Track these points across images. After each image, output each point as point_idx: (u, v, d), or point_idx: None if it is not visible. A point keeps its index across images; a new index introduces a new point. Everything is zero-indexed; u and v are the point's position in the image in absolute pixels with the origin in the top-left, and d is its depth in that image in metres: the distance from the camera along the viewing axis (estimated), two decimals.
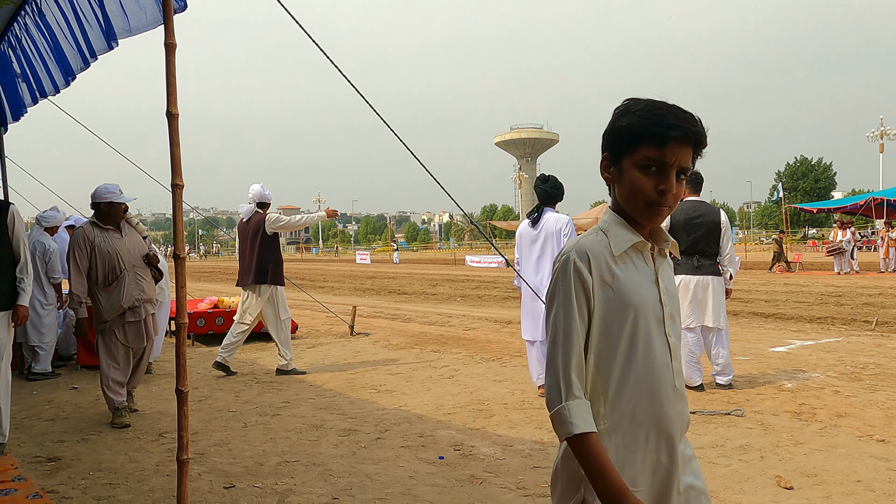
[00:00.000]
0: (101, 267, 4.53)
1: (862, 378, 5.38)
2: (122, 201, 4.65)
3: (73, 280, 4.52)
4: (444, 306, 12.77)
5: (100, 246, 4.54)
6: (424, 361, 6.73)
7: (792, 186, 62.41)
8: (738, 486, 3.18)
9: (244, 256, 6.24)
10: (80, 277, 4.51)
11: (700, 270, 5.10)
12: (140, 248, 4.76)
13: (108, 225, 4.64)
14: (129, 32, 3.56)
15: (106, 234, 4.61)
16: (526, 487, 3.23)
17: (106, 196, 4.60)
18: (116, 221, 4.68)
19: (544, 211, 5.09)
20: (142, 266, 4.70)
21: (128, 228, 4.77)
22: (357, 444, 3.99)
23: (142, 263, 4.71)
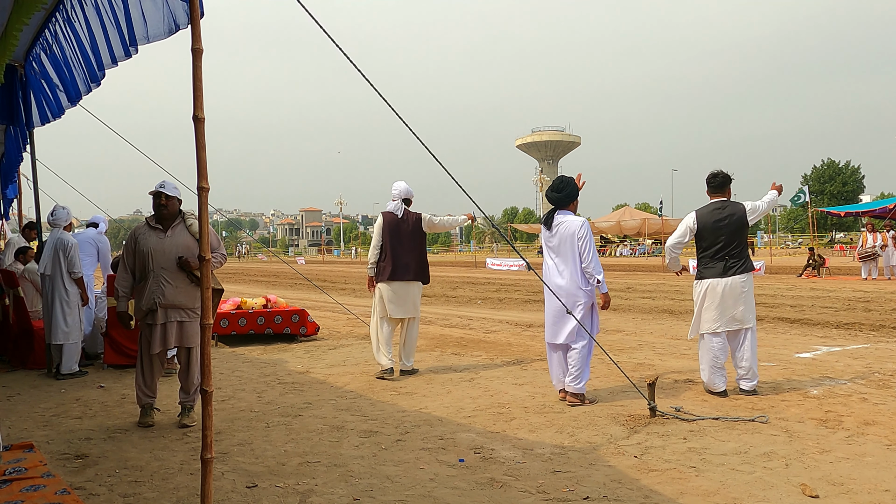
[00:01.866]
0: (138, 265, 4.58)
1: (891, 385, 5.28)
2: (161, 191, 4.54)
3: (118, 273, 4.71)
4: (465, 309, 12.77)
5: (139, 243, 4.57)
6: (445, 364, 6.74)
7: (819, 190, 61.48)
8: (762, 494, 3.14)
9: (399, 252, 6.08)
10: (123, 272, 4.63)
11: (728, 272, 5.03)
12: (184, 250, 4.55)
13: (157, 223, 4.62)
14: (146, 40, 3.64)
15: (151, 232, 4.59)
16: (546, 492, 3.22)
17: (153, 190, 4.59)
18: (162, 218, 4.62)
19: (556, 213, 5.07)
20: (172, 269, 4.53)
21: (179, 229, 4.63)
22: (378, 446, 4.00)
23: (173, 266, 4.53)
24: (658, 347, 7.47)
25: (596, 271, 4.85)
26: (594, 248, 4.95)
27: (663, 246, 25.17)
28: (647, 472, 3.48)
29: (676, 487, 3.25)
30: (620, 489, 3.24)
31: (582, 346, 4.87)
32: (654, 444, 3.93)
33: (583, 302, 4.88)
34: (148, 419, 4.60)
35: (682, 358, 6.73)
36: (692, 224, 5.20)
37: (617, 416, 4.54)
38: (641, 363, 6.50)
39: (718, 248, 5.05)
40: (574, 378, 4.86)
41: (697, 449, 3.83)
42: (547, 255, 5.13)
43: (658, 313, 11.13)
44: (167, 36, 3.47)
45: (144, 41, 3.66)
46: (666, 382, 5.56)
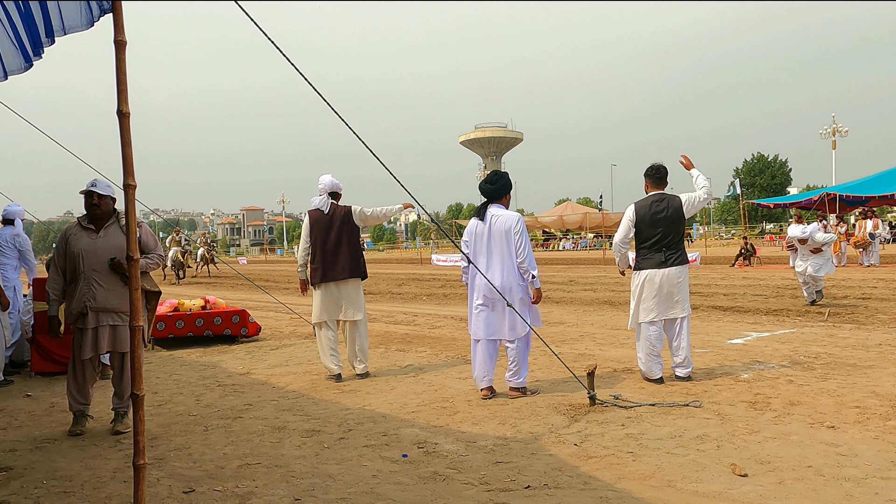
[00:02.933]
0: (69, 267, 4.36)
1: (814, 367, 5.55)
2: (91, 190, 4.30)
3: (49, 276, 4.47)
4: (410, 305, 12.76)
5: (70, 244, 4.34)
6: (389, 361, 6.72)
7: (749, 182, 63.99)
8: (695, 475, 3.25)
9: (328, 251, 5.74)
10: (54, 274, 4.40)
11: (665, 264, 5.16)
12: (117, 251, 4.31)
13: (89, 223, 4.40)
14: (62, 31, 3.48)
15: (83, 232, 4.37)
16: (489, 483, 3.25)
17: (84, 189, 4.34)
18: (94, 218, 4.38)
19: (489, 207, 4.98)
20: (104, 271, 4.29)
21: (112, 229, 4.39)
22: (320, 445, 3.96)
23: (105, 269, 4.30)
24: (598, 338, 7.64)
25: (531, 266, 4.83)
26: (529, 243, 4.91)
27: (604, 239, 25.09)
28: (587, 459, 3.56)
29: (614, 473, 3.34)
30: (560, 477, 3.30)
31: (519, 341, 4.89)
32: (593, 432, 4.02)
33: (519, 297, 4.85)
34: (79, 427, 4.41)
35: (621, 347, 6.91)
36: (632, 216, 5.32)
37: (558, 406, 4.62)
38: (582, 353, 6.63)
39: (656, 239, 5.19)
40: (514, 373, 4.89)
41: (635, 434, 3.93)
42: (475, 249, 4.98)
43: (599, 305, 11.38)
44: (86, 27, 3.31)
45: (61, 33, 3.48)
46: (606, 371, 5.70)
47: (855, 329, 7.60)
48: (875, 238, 18.56)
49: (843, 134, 44.39)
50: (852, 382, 4.96)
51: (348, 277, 5.76)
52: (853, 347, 6.41)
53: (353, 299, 5.82)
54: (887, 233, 30.44)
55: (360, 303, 5.87)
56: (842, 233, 19.36)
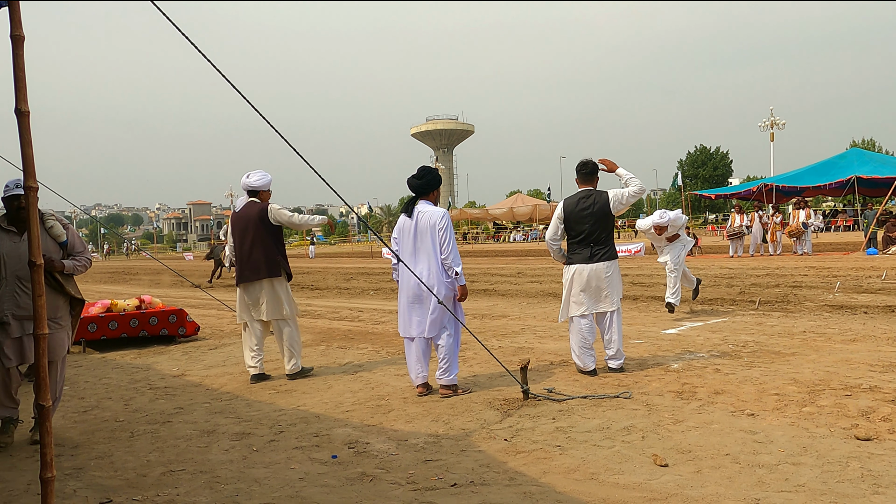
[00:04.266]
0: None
1: (741, 356, 5.74)
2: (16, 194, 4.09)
3: None
4: (357, 300, 12.67)
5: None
6: (329, 358, 6.66)
7: (693, 174, 65.80)
8: (618, 467, 3.32)
9: (244, 251, 5.62)
10: None
11: (593, 259, 5.25)
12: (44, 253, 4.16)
13: (10, 224, 4.17)
14: None
15: (3, 235, 4.13)
16: (416, 482, 3.25)
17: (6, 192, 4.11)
18: (17, 220, 4.17)
19: (417, 203, 4.95)
20: (29, 276, 3.98)
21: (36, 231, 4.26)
22: (249, 448, 3.89)
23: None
24: (539, 331, 7.73)
25: (455, 263, 4.78)
26: (454, 239, 4.86)
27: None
28: (515, 454, 3.60)
29: (540, 467, 3.38)
30: (488, 473, 3.33)
31: (448, 338, 4.90)
32: (524, 427, 4.06)
33: (444, 294, 4.81)
34: (6, 437, 4.16)
35: (559, 340, 7.01)
36: (560, 213, 5.39)
37: (492, 401, 4.66)
38: (521, 347, 6.70)
39: (584, 235, 5.26)
40: (444, 371, 4.88)
41: (564, 428, 3.99)
42: (403, 245, 4.94)
43: (543, 297, 11.52)
44: None
45: None
46: (542, 364, 5.77)
47: (783, 317, 7.90)
48: (808, 227, 19.32)
49: (781, 126, 46.01)
50: (775, 370, 5.14)
51: (264, 277, 5.61)
52: (779, 335, 6.66)
53: (274, 298, 5.65)
54: (820, 222, 31.73)
55: (283, 301, 5.67)
56: (777, 223, 20.07)
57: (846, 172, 28.40)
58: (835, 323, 7.25)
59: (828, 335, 6.54)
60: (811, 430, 3.72)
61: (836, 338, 6.38)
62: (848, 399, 4.26)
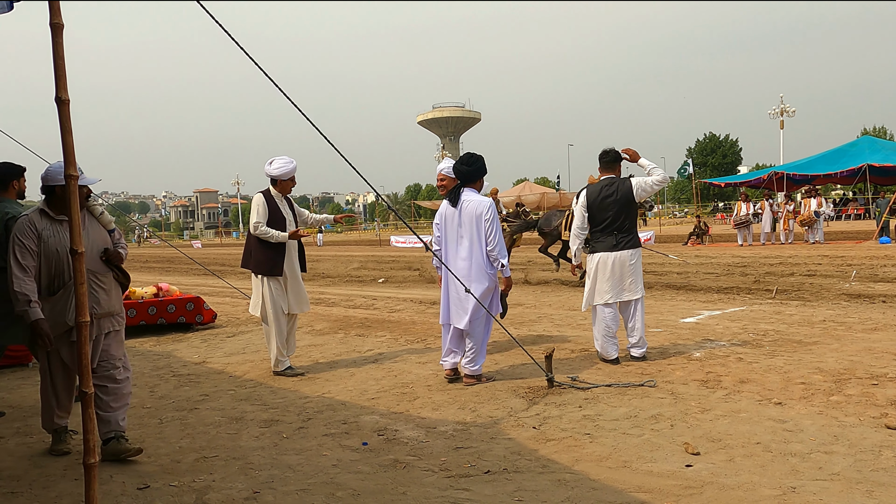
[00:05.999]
0: (46, 270, 3.54)
1: (763, 345, 5.73)
2: (82, 183, 3.50)
3: (17, 279, 3.44)
4: (369, 289, 12.70)
5: (47, 242, 3.53)
6: (348, 346, 6.68)
7: (702, 162, 65.40)
8: (650, 455, 3.34)
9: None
10: (25, 275, 3.47)
11: (617, 247, 5.23)
12: (101, 245, 3.70)
13: (61, 215, 3.58)
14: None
15: (58, 226, 3.57)
16: (449, 469, 3.28)
17: (60, 177, 3.46)
18: (66, 209, 3.64)
19: (462, 191, 4.93)
20: (101, 269, 3.66)
21: (88, 220, 3.70)
22: (279, 435, 3.92)
23: (101, 266, 3.66)
24: (556, 319, 7.74)
25: (501, 255, 4.76)
26: (500, 230, 4.83)
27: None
28: (545, 441, 3.61)
29: (572, 455, 3.40)
30: (520, 460, 3.35)
31: (479, 329, 4.87)
32: (551, 415, 4.07)
33: (486, 285, 4.80)
34: (62, 446, 3.79)
35: (578, 328, 7.01)
36: (584, 202, 5.38)
37: (517, 389, 4.67)
38: (541, 335, 6.71)
39: (607, 223, 5.25)
40: (470, 360, 4.89)
41: (592, 416, 4.01)
42: (446, 233, 4.95)
43: (556, 286, 11.52)
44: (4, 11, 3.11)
45: None
46: (563, 353, 5.78)
47: (801, 306, 7.88)
48: (820, 216, 19.21)
49: (791, 114, 45.64)
50: (798, 359, 5.14)
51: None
52: (799, 324, 6.65)
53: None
54: (831, 210, 31.53)
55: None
56: (790, 211, 19.97)
57: (857, 160, 28.12)
58: (854, 312, 7.23)
59: (848, 324, 6.52)
60: (840, 419, 3.72)
61: (857, 327, 6.36)
62: (875, 388, 4.25)
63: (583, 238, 5.48)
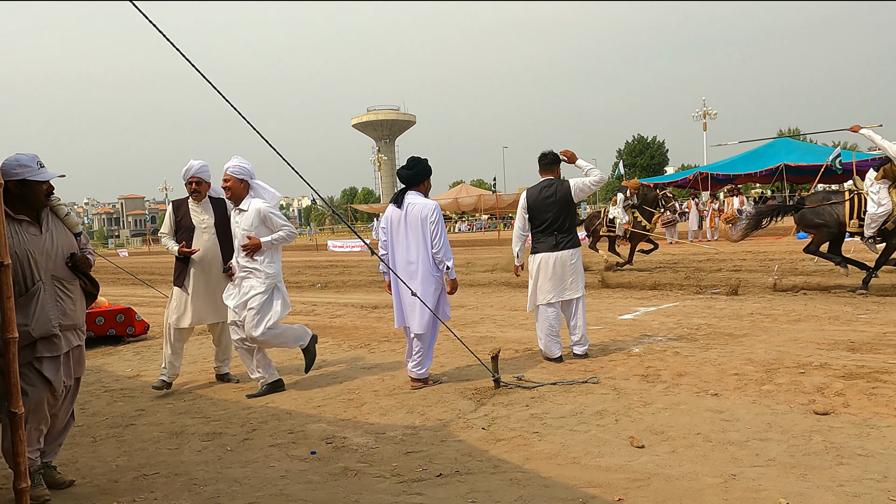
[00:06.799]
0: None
1: (697, 338, 5.95)
2: (42, 179, 3.23)
3: None
4: (308, 294, 12.50)
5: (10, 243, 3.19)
6: (290, 354, 6.55)
7: (631, 163, 67.49)
8: (598, 450, 3.41)
9: None
10: None
11: (558, 247, 5.33)
12: (67, 249, 3.36)
13: (21, 214, 3.23)
14: None
15: (18, 227, 3.20)
16: (401, 474, 3.26)
17: (16, 171, 3.16)
18: (35, 209, 3.28)
19: (407, 194, 4.92)
20: (68, 277, 3.33)
21: (52, 220, 3.37)
22: (223, 448, 3.81)
23: (68, 273, 3.33)
24: (499, 320, 7.82)
25: (446, 257, 4.77)
26: (445, 233, 4.84)
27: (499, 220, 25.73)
28: (495, 442, 3.64)
29: (522, 454, 3.44)
30: (471, 462, 3.36)
31: (426, 333, 4.85)
32: (499, 415, 4.11)
33: (433, 288, 4.80)
34: (41, 492, 3.19)
35: (520, 328, 7.10)
36: (524, 203, 5.46)
37: (464, 391, 4.69)
38: (484, 336, 6.76)
39: (547, 224, 5.35)
40: (417, 363, 4.88)
41: (539, 414, 4.06)
42: (392, 237, 4.91)
43: (497, 286, 11.64)
44: None
45: None
46: (508, 353, 5.84)
47: (729, 300, 8.23)
48: (742, 213, 20.14)
49: (713, 116, 47.72)
50: (730, 351, 5.36)
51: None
52: (729, 318, 6.94)
53: None
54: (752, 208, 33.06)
55: None
56: (715, 209, 20.86)
57: (775, 160, 29.62)
58: (779, 304, 7.61)
59: (774, 316, 6.85)
60: (772, 408, 3.90)
61: (782, 319, 6.69)
62: (802, 376, 4.48)
63: (524, 239, 5.56)
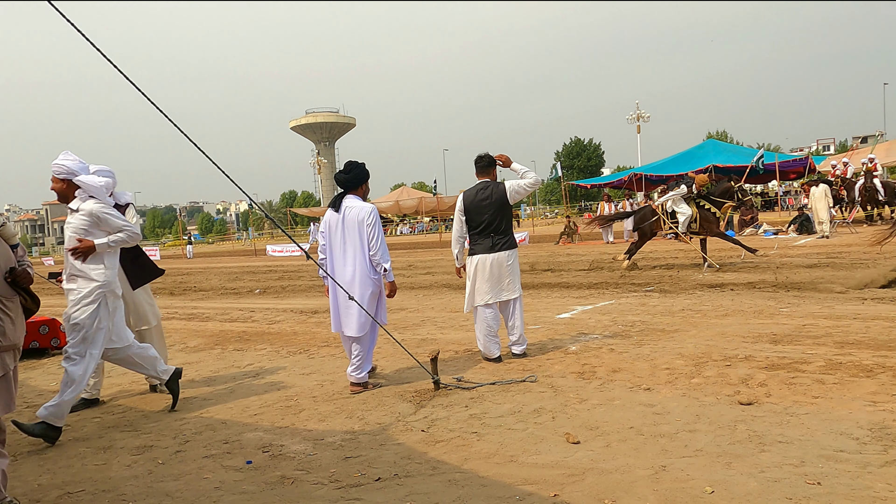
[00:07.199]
0: None
1: (631, 335, 6.12)
2: None
3: None
4: (246, 301, 12.23)
5: None
6: (227, 362, 6.40)
7: (569, 165, 68.86)
8: (535, 448, 3.46)
9: None
10: None
11: (494, 249, 5.38)
12: (5, 264, 3.16)
13: None
14: None
15: None
16: (339, 479, 3.22)
17: None
18: None
19: (345, 198, 4.93)
20: (7, 293, 3.11)
21: None
22: (154, 462, 3.68)
23: (7, 289, 3.11)
24: (439, 322, 7.84)
25: (383, 259, 4.78)
26: (382, 235, 4.85)
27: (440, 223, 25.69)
28: (434, 443, 3.65)
29: (461, 454, 3.46)
30: (410, 465, 3.36)
31: (364, 336, 4.84)
32: (439, 416, 4.12)
33: (371, 291, 4.80)
34: None
35: (461, 330, 7.14)
36: (460, 206, 5.49)
37: (404, 394, 4.68)
38: (425, 339, 6.77)
39: (484, 226, 5.40)
40: (357, 367, 4.85)
41: (478, 414, 4.10)
42: (331, 241, 4.90)
43: (438, 288, 11.67)
44: None
45: None
46: (448, 354, 5.87)
47: (662, 297, 8.50)
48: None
49: (646, 119, 49.16)
50: (662, 346, 5.54)
51: None
52: (661, 314, 7.17)
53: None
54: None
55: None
56: None
57: (704, 161, 30.82)
58: (708, 300, 7.90)
59: (703, 311, 7.11)
60: (701, 399, 4.05)
61: (711, 314, 6.95)
62: (728, 368, 4.67)
63: (462, 241, 5.60)
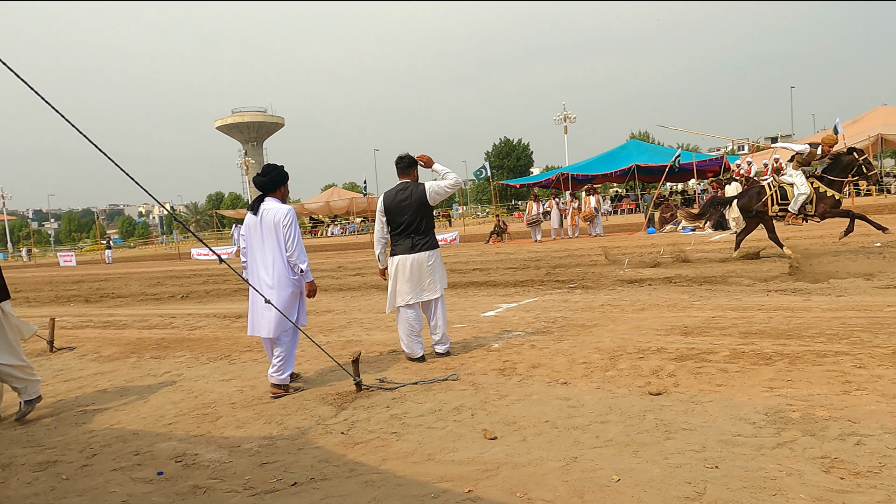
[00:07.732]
0: None
1: (552, 331, 6.27)
2: None
3: None
4: (168, 306, 11.82)
5: None
6: (142, 371, 6.17)
7: (499, 165, 69.85)
8: (452, 445, 3.50)
9: None
10: None
11: (414, 249, 5.40)
12: None
13: None
14: None
15: None
16: (254, 486, 3.17)
17: None
18: None
19: (264, 200, 4.92)
20: None
21: None
22: (58, 478, 3.51)
23: None
24: (366, 323, 7.81)
25: (300, 260, 4.78)
26: (299, 236, 4.85)
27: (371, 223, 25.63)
28: (353, 445, 3.64)
29: (379, 455, 3.46)
30: (328, 468, 3.34)
31: (284, 338, 4.82)
32: (360, 418, 4.11)
33: (290, 291, 4.80)
34: None
35: (387, 331, 7.14)
36: (381, 207, 5.49)
37: (325, 397, 4.64)
38: (350, 340, 6.73)
39: (404, 226, 5.41)
40: (278, 369, 4.80)
41: (399, 415, 4.11)
42: (251, 243, 4.91)
43: (367, 289, 11.61)
44: None
45: None
46: (372, 356, 5.85)
47: (584, 293, 8.74)
48: (598, 212, 21.45)
49: (573, 120, 50.38)
50: (581, 341, 5.70)
51: None
52: (582, 310, 7.37)
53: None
54: (609, 206, 35.36)
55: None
56: (575, 208, 22.05)
57: (628, 161, 31.95)
58: (627, 295, 8.18)
59: (621, 307, 7.36)
60: (614, 391, 4.20)
61: (629, 308, 7.20)
62: (641, 361, 4.86)
63: (384, 242, 5.60)
